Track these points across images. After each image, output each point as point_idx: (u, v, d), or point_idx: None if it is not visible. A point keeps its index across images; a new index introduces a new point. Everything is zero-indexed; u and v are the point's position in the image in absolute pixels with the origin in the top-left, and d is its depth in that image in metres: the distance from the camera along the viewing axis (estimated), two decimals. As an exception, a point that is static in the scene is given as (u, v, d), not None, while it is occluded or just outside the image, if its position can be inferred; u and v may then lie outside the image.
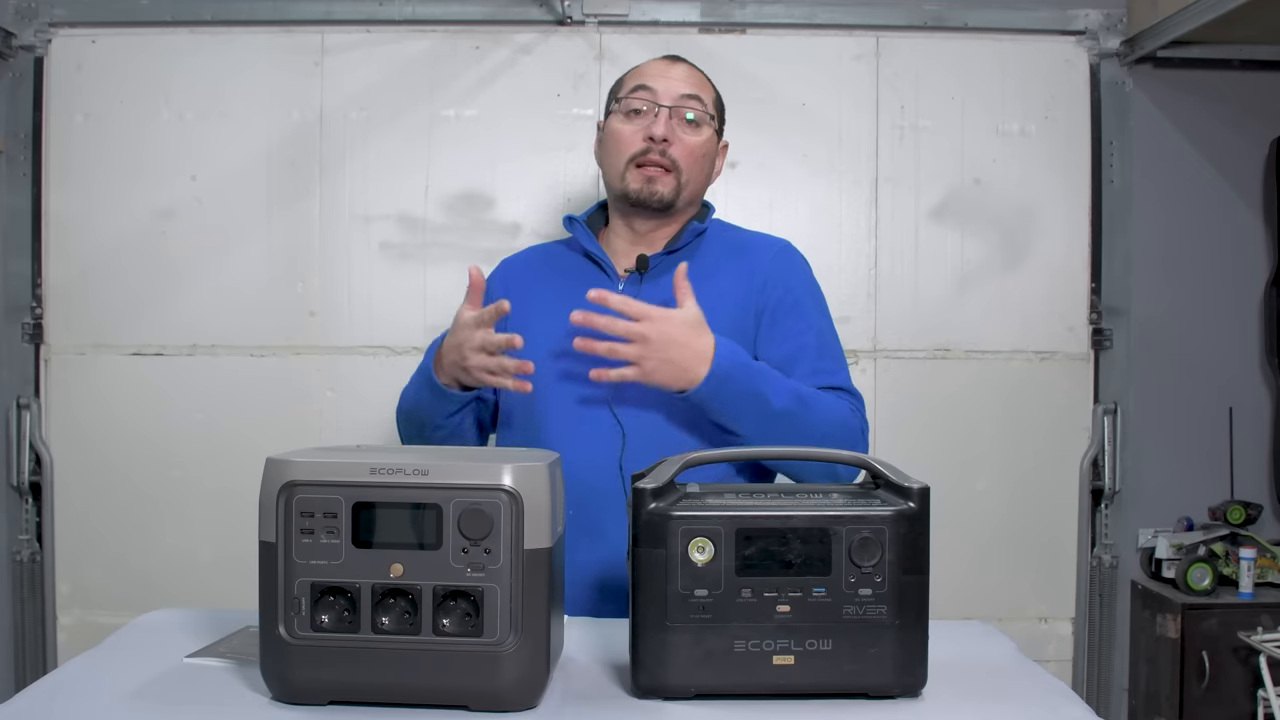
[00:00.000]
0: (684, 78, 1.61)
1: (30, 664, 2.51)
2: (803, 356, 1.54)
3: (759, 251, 1.64)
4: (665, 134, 1.56)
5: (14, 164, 2.51)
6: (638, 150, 1.57)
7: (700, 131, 1.59)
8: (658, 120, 1.56)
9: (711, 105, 1.63)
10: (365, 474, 0.96)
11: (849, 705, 0.99)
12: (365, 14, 2.53)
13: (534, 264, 1.70)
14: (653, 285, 1.57)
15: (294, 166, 2.53)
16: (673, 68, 1.62)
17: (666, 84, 1.58)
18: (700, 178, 1.62)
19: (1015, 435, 2.59)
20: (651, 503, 1.00)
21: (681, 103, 1.58)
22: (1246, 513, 2.49)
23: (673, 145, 1.57)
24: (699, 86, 1.62)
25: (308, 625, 0.96)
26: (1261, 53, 2.57)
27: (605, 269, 1.61)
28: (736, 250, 1.64)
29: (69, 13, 2.51)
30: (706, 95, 1.62)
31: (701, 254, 1.61)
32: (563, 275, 1.62)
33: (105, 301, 2.52)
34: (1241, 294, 2.65)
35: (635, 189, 1.57)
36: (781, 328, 1.56)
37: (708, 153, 1.61)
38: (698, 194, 1.64)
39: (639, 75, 1.62)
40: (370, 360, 2.53)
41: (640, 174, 1.57)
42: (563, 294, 1.55)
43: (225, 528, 2.45)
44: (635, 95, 1.59)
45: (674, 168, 1.57)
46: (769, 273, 1.59)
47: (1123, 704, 2.61)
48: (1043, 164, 2.59)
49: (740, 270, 1.60)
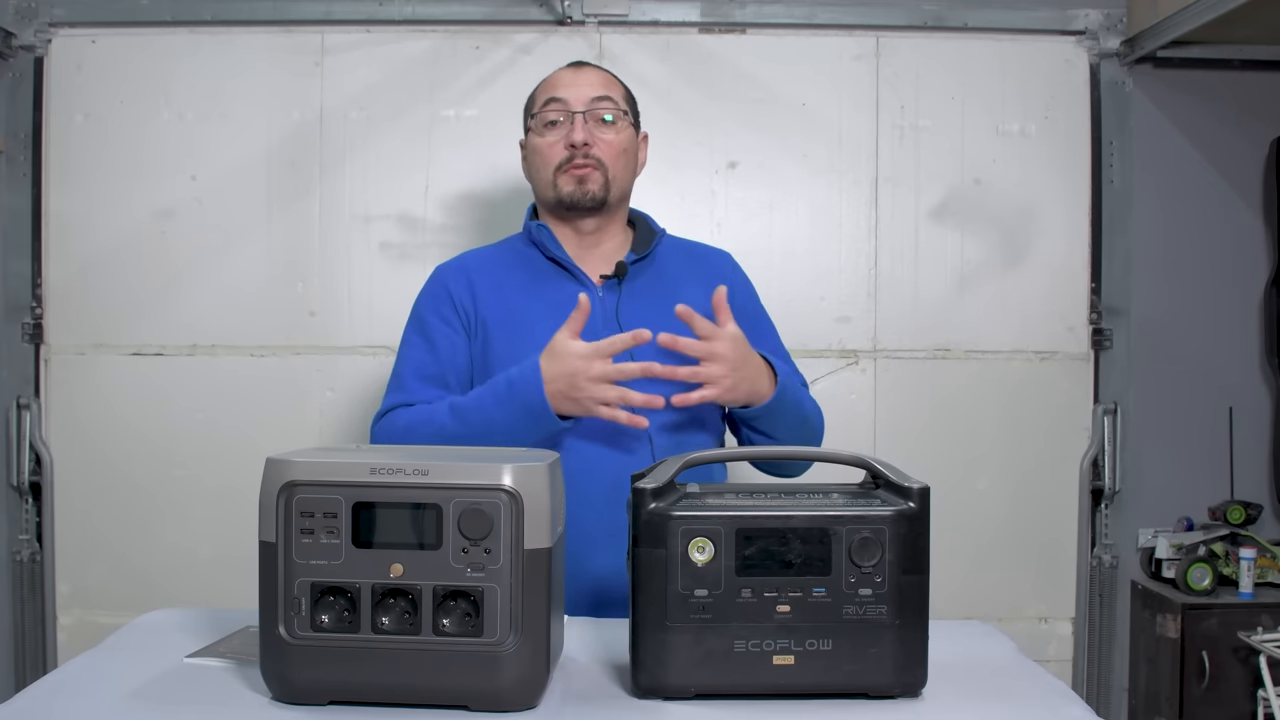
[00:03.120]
0: (592, 82, 1.65)
1: (30, 664, 2.51)
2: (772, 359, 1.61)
3: (714, 261, 1.72)
4: (585, 138, 1.60)
5: (14, 164, 2.51)
6: (562, 159, 1.61)
7: (618, 129, 1.64)
8: (575, 127, 1.61)
9: (623, 101, 1.67)
10: (365, 474, 0.97)
11: (849, 705, 0.99)
12: (365, 14, 2.53)
13: (494, 268, 1.66)
14: (630, 289, 1.60)
15: (294, 166, 2.53)
16: (580, 74, 1.66)
17: (576, 91, 1.63)
18: (626, 173, 1.66)
19: (1015, 435, 2.59)
20: (651, 503, 1.00)
21: (594, 105, 1.62)
22: (1246, 513, 2.49)
23: (594, 146, 1.61)
24: (607, 86, 1.66)
25: (308, 625, 0.96)
26: (1261, 53, 2.57)
27: (576, 275, 1.62)
28: (692, 258, 1.71)
29: (69, 13, 2.51)
30: (616, 93, 1.66)
31: (661, 261, 1.66)
32: (541, 282, 1.62)
33: (105, 301, 2.52)
34: (1241, 294, 2.65)
35: (568, 191, 1.61)
36: (750, 336, 1.60)
37: (628, 148, 1.66)
38: (626, 188, 1.68)
39: (548, 88, 1.66)
40: (370, 360, 2.53)
41: (569, 176, 1.61)
42: (555, 302, 1.56)
43: (225, 527, 2.45)
44: (548, 109, 1.63)
45: (599, 165, 1.61)
46: (732, 283, 1.63)
47: (1123, 704, 2.61)
48: (1043, 164, 2.59)
49: (704, 278, 1.63)
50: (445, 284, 1.64)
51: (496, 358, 1.56)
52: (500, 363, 1.55)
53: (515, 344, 1.55)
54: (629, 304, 1.58)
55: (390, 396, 1.62)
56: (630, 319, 1.56)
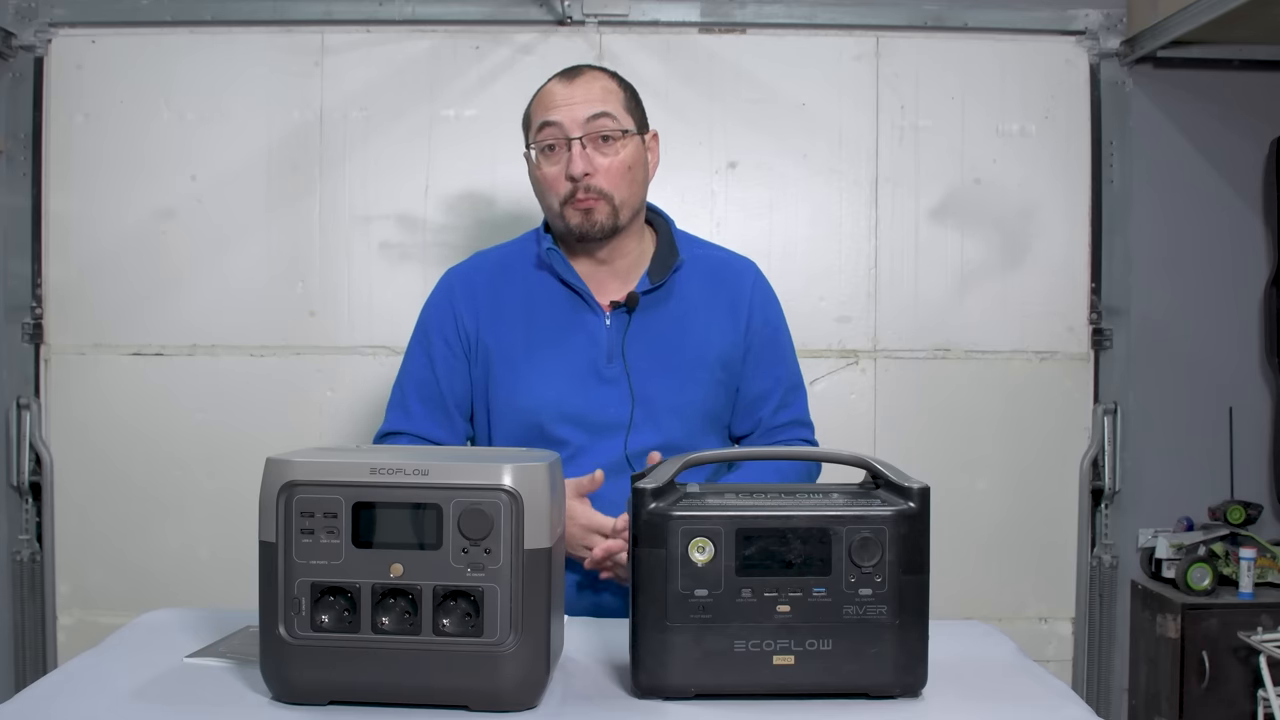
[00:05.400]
0: (588, 97, 1.55)
1: (30, 664, 2.51)
2: (776, 390, 1.63)
3: (737, 278, 1.64)
4: (584, 169, 1.52)
5: (14, 164, 2.51)
6: (566, 192, 1.54)
7: (619, 146, 1.55)
8: (573, 157, 1.52)
9: (624, 111, 1.57)
10: (365, 474, 0.96)
11: (849, 705, 0.99)
12: (365, 14, 2.53)
13: (503, 285, 1.62)
14: (639, 321, 1.57)
15: (294, 167, 2.53)
16: (574, 89, 1.55)
17: (570, 112, 1.53)
18: (635, 189, 1.58)
19: (1015, 435, 2.59)
20: (651, 503, 1.00)
21: (590, 127, 1.53)
22: (1246, 513, 2.49)
23: (595, 175, 1.53)
24: (604, 99, 1.55)
25: (308, 625, 0.96)
26: (1261, 53, 2.57)
27: (587, 301, 1.58)
28: (713, 277, 1.63)
29: (69, 13, 2.51)
30: (615, 104, 1.56)
31: (681, 285, 1.60)
32: (544, 307, 1.58)
33: (105, 301, 2.52)
34: (1241, 294, 2.65)
35: (576, 224, 1.55)
36: (762, 363, 1.62)
37: (634, 163, 1.56)
38: (639, 203, 1.61)
39: (542, 109, 1.57)
40: (370, 360, 2.53)
41: (575, 210, 1.54)
42: (561, 332, 1.56)
43: (225, 528, 2.45)
44: (544, 134, 1.55)
45: (603, 196, 1.54)
46: (752, 305, 1.62)
47: (1123, 704, 2.61)
48: (1043, 164, 2.59)
49: (724, 301, 1.61)
50: (452, 302, 1.61)
51: (499, 385, 1.56)
52: (502, 391, 1.55)
53: (518, 374, 1.55)
54: (636, 338, 1.55)
55: (392, 414, 1.62)
56: (636, 353, 1.54)
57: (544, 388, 1.53)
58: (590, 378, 1.54)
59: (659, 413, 1.53)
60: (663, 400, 1.53)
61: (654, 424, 1.53)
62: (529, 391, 1.54)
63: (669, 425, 1.53)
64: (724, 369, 1.58)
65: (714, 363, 1.57)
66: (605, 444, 1.52)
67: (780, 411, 1.63)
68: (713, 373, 1.57)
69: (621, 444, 1.52)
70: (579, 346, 1.55)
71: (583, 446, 1.52)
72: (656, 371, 1.54)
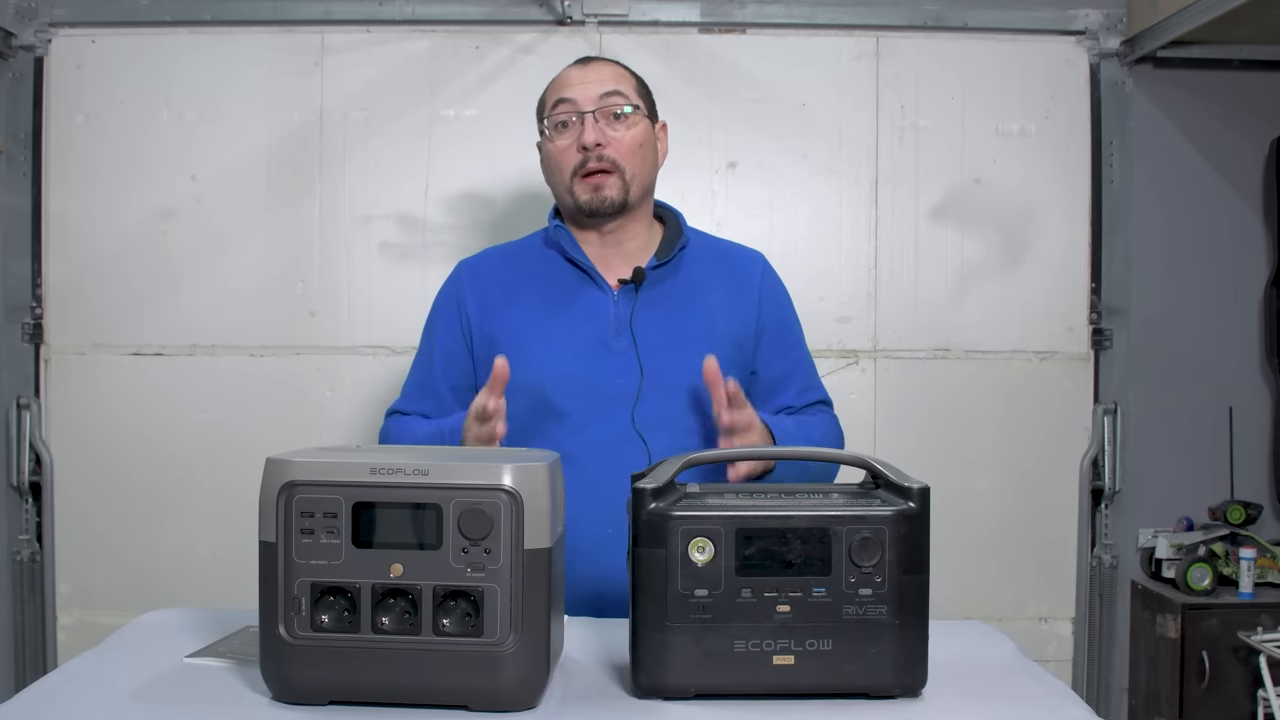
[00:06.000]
0: (602, 77, 1.60)
1: (30, 664, 2.51)
2: (795, 373, 1.66)
3: (745, 264, 1.68)
4: (596, 139, 1.56)
5: (14, 164, 2.51)
6: (576, 163, 1.57)
7: (631, 123, 1.59)
8: (585, 128, 1.56)
9: (635, 94, 1.62)
10: (365, 474, 0.96)
11: (849, 705, 0.99)
12: (365, 14, 2.53)
13: (512, 273, 1.65)
14: (646, 296, 1.59)
15: (294, 167, 2.53)
16: (587, 70, 1.62)
17: (584, 89, 1.58)
18: (645, 167, 1.62)
19: (1015, 435, 2.59)
20: (651, 503, 1.00)
21: (603, 103, 1.58)
22: (1246, 513, 2.49)
23: (607, 147, 1.57)
24: (618, 80, 1.61)
25: (308, 625, 0.96)
26: (1261, 53, 2.57)
27: (595, 278, 1.61)
28: (721, 261, 1.67)
29: (69, 13, 2.51)
30: (627, 86, 1.61)
31: (688, 264, 1.63)
32: (557, 288, 1.61)
33: (105, 301, 2.52)
34: (1241, 294, 2.65)
35: (585, 199, 1.58)
36: (777, 347, 1.64)
37: (644, 142, 1.61)
38: (648, 184, 1.64)
39: (557, 89, 1.62)
40: (370, 360, 2.53)
41: (585, 184, 1.57)
42: (569, 311, 1.57)
43: (225, 528, 2.45)
44: (558, 110, 1.60)
45: (615, 168, 1.57)
46: (763, 290, 1.65)
47: (1123, 704, 2.61)
48: (1043, 164, 2.59)
49: (732, 283, 1.63)
50: (460, 293, 1.64)
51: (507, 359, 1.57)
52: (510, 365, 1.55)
53: (526, 348, 1.55)
54: (644, 311, 1.56)
55: (398, 399, 1.68)
56: (644, 326, 1.55)
57: (551, 360, 1.55)
58: (598, 349, 1.55)
59: (667, 384, 1.53)
60: (671, 372, 1.54)
61: (662, 395, 1.53)
62: (536, 363, 1.54)
63: (677, 397, 1.53)
64: (734, 347, 1.58)
65: (723, 339, 1.57)
66: (612, 415, 1.52)
67: (805, 393, 1.66)
68: (722, 349, 1.54)
69: (629, 415, 1.52)
70: (586, 320, 1.57)
71: (590, 418, 1.52)
72: (664, 344, 1.55)
